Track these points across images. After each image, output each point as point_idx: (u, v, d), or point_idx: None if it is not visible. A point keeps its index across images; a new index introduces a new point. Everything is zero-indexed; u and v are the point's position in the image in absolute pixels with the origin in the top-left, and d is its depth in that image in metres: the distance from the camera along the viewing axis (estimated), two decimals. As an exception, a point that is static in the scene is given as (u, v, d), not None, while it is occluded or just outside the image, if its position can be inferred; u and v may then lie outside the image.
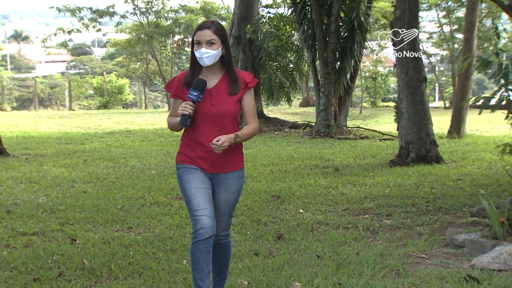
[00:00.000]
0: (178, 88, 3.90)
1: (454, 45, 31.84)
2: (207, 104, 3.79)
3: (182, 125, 3.77)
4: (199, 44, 3.77)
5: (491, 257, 4.82)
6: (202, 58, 3.76)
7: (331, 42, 15.69)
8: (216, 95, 3.83)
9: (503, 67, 6.76)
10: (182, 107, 3.72)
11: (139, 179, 9.14)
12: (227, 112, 3.83)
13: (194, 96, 3.72)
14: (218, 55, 3.79)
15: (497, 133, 16.80)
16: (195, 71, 3.86)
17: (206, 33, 3.75)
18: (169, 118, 3.99)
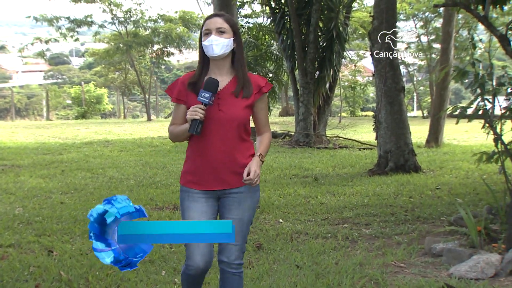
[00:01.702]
0: (182, 91, 3.39)
1: (431, 55, 32.16)
2: (214, 108, 3.28)
3: (193, 132, 3.20)
4: (208, 33, 3.28)
5: (469, 266, 4.85)
6: (212, 46, 3.25)
7: (310, 52, 15.76)
8: (224, 99, 3.32)
9: (479, 77, 6.83)
10: (192, 111, 3.19)
11: (117, 189, 9.07)
12: (236, 119, 3.31)
13: (205, 98, 3.19)
14: (229, 46, 3.30)
15: (474, 142, 16.97)
16: (203, 71, 3.39)
17: (216, 21, 3.31)
18: (171, 127, 3.45)
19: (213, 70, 3.39)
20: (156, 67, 35.33)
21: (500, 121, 6.77)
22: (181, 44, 32.26)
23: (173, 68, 56.49)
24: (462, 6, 7.02)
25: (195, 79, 3.37)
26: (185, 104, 3.37)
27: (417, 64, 37.32)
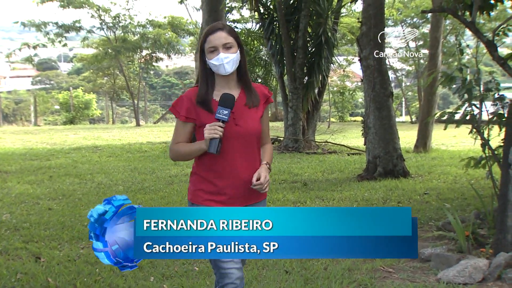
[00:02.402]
0: (191, 109, 3.18)
1: (419, 61, 32.31)
2: (231, 124, 3.11)
3: (213, 151, 3.00)
4: (215, 50, 3.13)
5: (457, 271, 4.87)
6: (223, 65, 3.12)
7: (299, 57, 15.79)
8: (238, 113, 3.18)
9: (466, 82, 6.87)
10: (211, 129, 3.01)
11: (105, 195, 9.03)
12: (254, 132, 3.21)
13: (225, 116, 3.02)
14: (238, 60, 3.18)
15: (462, 147, 17.05)
16: (209, 86, 3.21)
17: (220, 35, 3.15)
18: (175, 146, 3.23)
19: (221, 84, 3.23)
20: (145, 72, 35.26)
21: (488, 126, 6.82)
22: (170, 50, 32.24)
23: (162, 74, 56.39)
24: (449, 12, 7.05)
25: (203, 96, 3.19)
26: (194, 122, 3.20)
27: (405, 69, 37.48)
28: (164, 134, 22.62)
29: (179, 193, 9.12)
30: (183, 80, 49.66)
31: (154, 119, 38.91)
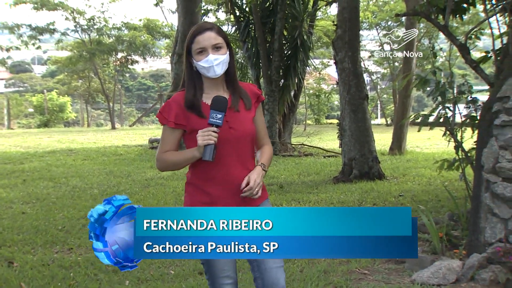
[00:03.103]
0: (180, 115, 2.99)
1: (394, 64, 32.58)
2: (224, 127, 2.92)
3: (209, 158, 2.82)
4: (203, 51, 2.95)
5: (431, 272, 4.91)
6: (213, 67, 2.94)
7: (275, 60, 15.82)
8: (231, 116, 2.99)
9: (440, 85, 6.95)
10: (205, 135, 2.82)
11: (80, 198, 8.96)
12: (248, 134, 3.04)
13: (219, 120, 2.84)
14: (227, 61, 3.01)
15: (436, 149, 17.22)
16: (196, 90, 3.02)
17: (209, 36, 2.96)
18: (163, 155, 3.02)
19: (210, 87, 3.05)
20: (120, 75, 35.09)
21: (461, 128, 6.90)
22: (146, 52, 32.11)
23: (137, 76, 56.08)
24: (422, 15, 7.13)
25: (191, 100, 3.00)
26: (184, 129, 3.01)
27: (380, 72, 37.76)
28: (139, 137, 22.51)
29: (155, 196, 9.08)
30: (159, 83, 49.41)
31: (130, 122, 38.69)
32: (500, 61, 6.43)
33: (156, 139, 19.43)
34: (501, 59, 6.43)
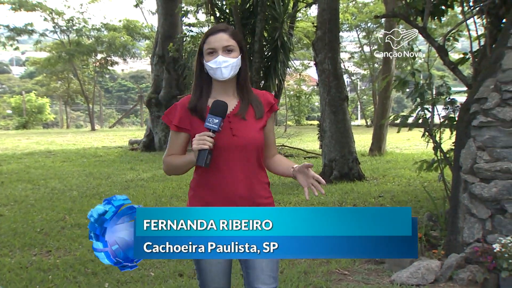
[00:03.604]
0: (183, 118, 2.89)
1: (374, 65, 32.77)
2: (227, 134, 2.82)
3: (201, 164, 2.71)
4: (214, 52, 2.84)
5: (410, 272, 4.95)
6: (220, 69, 2.83)
7: (255, 61, 15.82)
8: (236, 122, 2.87)
9: (419, 86, 7.00)
10: (199, 140, 2.71)
11: (59, 200, 8.89)
12: (253, 142, 2.88)
13: (215, 125, 2.73)
14: (238, 66, 2.88)
15: (415, 150, 17.33)
16: (202, 93, 2.92)
17: (221, 37, 2.85)
18: (168, 158, 2.95)
19: (218, 91, 2.93)
20: (100, 76, 34.84)
21: (439, 129, 6.96)
22: (126, 53, 31.93)
23: (117, 78, 55.79)
24: (401, 17, 7.18)
25: (195, 103, 2.89)
26: (188, 132, 2.91)
27: (360, 73, 37.95)
28: (119, 139, 22.38)
29: (134, 198, 9.03)
30: (139, 84, 49.21)
31: (110, 123, 38.45)
32: (477, 63, 6.50)
33: (136, 141, 19.33)
34: (478, 61, 6.50)
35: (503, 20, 6.29)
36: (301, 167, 2.82)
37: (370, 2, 29.23)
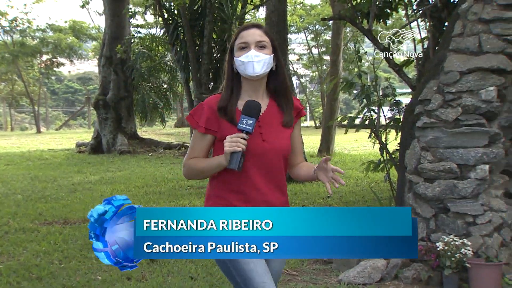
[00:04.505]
0: (211, 119, 2.68)
1: (322, 67, 33.12)
2: (257, 139, 2.64)
3: (234, 167, 2.54)
4: (246, 47, 2.66)
5: (357, 272, 5.02)
6: (252, 63, 2.63)
7: (204, 63, 15.79)
8: (266, 127, 2.70)
9: (365, 88, 7.11)
10: (232, 141, 2.52)
11: (3, 204, 8.67)
12: (282, 150, 2.72)
13: (249, 126, 2.55)
14: (270, 64, 2.68)
15: (363, 151, 17.60)
16: (233, 93, 2.73)
17: (254, 32, 2.68)
18: (190, 161, 2.73)
19: (247, 92, 2.73)
20: (46, 77, 34.15)
21: (385, 130, 7.08)
22: (72, 55, 31.41)
23: (64, 79, 54.81)
24: (347, 20, 7.28)
25: (225, 103, 2.69)
26: (215, 135, 2.70)
27: (309, 75, 38.31)
28: (66, 141, 22.00)
29: (82, 201, 8.89)
30: (86, 86, 48.45)
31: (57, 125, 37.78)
32: (421, 65, 6.64)
33: (83, 143, 19.01)
34: (422, 63, 6.65)
35: (445, 23, 6.45)
36: (320, 163, 2.69)
37: (318, 5, 29.56)
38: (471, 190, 4.95)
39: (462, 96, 5.05)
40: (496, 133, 5.06)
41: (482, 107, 4.99)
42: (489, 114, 5.06)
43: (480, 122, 5.01)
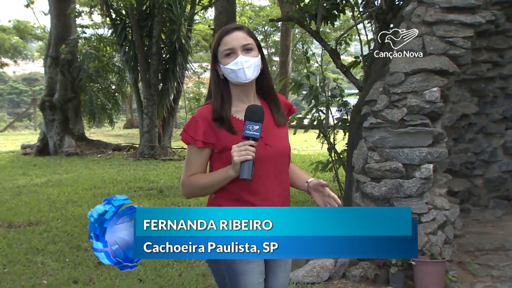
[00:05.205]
0: (208, 132, 2.55)
1: (272, 68, 33.27)
2: (260, 144, 2.49)
3: (247, 177, 2.40)
4: (232, 53, 2.54)
5: (305, 271, 5.06)
6: (243, 70, 2.52)
7: (153, 64, 15.70)
8: (266, 130, 2.55)
9: (313, 89, 7.19)
10: (241, 150, 2.40)
11: None
12: (286, 152, 2.66)
13: (256, 132, 2.43)
14: (260, 66, 2.59)
15: (312, 151, 17.76)
16: (224, 101, 2.60)
17: (238, 36, 2.55)
18: (191, 179, 2.60)
19: (239, 97, 2.62)
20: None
21: (333, 131, 7.17)
22: (17, 55, 30.72)
23: (8, 80, 53.51)
24: (295, 21, 7.34)
25: (219, 112, 2.57)
26: (213, 147, 2.58)
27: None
28: (11, 143, 21.49)
29: (27, 205, 8.69)
30: (32, 86, 47.41)
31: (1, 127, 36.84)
32: (368, 66, 6.74)
33: (29, 145, 18.60)
34: (369, 64, 6.75)
35: (391, 25, 6.57)
36: (317, 185, 2.63)
37: (267, 6, 29.69)
38: (416, 189, 5.05)
39: (407, 97, 5.14)
40: (440, 133, 5.18)
41: (426, 107, 5.09)
42: (433, 114, 5.17)
43: (424, 122, 5.11)
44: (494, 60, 6.60)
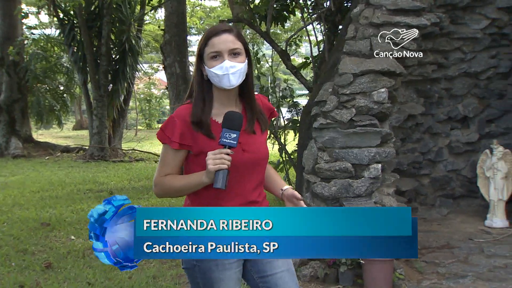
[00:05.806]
0: (186, 134, 2.48)
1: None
2: (237, 150, 2.42)
3: (221, 186, 2.35)
4: (218, 56, 2.45)
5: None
6: (227, 76, 2.43)
7: (103, 65, 15.50)
8: (244, 136, 2.50)
9: (264, 89, 7.23)
10: (217, 159, 2.35)
11: None
12: (264, 158, 2.59)
13: (233, 140, 2.37)
14: (245, 72, 2.50)
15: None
16: (205, 104, 2.51)
17: (227, 39, 2.46)
18: (164, 180, 2.56)
19: (220, 100, 2.54)
20: None
21: (284, 131, 7.22)
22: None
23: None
24: (246, 22, 7.36)
25: (199, 115, 2.48)
26: (189, 149, 2.51)
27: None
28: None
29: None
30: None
31: None
32: (317, 67, 6.81)
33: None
34: (318, 65, 6.82)
35: (339, 27, 6.65)
36: (291, 196, 2.60)
37: (217, 7, 29.64)
38: (365, 189, 5.12)
39: (355, 98, 5.21)
40: (388, 133, 5.27)
41: (374, 108, 5.17)
42: (381, 114, 5.26)
43: (372, 122, 5.19)
44: (439, 62, 6.75)
